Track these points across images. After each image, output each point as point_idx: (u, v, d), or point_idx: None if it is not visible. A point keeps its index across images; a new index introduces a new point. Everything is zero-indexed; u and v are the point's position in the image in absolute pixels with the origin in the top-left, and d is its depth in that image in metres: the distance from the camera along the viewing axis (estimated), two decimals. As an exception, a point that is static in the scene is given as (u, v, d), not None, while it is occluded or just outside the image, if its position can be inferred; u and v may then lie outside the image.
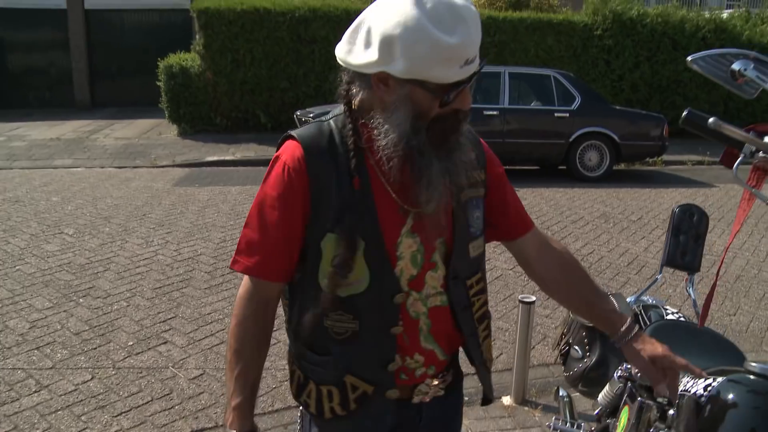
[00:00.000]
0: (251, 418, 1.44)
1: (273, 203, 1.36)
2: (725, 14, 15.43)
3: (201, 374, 3.79)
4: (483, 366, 1.61)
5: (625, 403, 2.32)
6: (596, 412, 2.55)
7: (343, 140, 1.36)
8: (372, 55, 1.24)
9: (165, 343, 4.18)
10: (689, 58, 1.39)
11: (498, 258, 5.94)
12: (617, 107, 11.44)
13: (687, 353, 2.20)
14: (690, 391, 1.61)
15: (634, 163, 11.47)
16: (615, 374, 2.41)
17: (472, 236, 1.48)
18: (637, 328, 1.55)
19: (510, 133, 9.93)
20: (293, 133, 1.40)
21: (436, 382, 1.51)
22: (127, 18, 17.92)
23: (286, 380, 3.68)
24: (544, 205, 8.32)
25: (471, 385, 3.79)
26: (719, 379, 1.53)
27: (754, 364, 1.50)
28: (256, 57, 12.97)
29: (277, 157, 1.40)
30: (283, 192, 1.36)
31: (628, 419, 2.26)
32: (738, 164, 1.41)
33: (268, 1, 13.04)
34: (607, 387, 2.45)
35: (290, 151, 1.38)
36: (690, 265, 2.66)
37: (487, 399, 1.69)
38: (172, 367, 3.87)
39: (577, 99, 10.12)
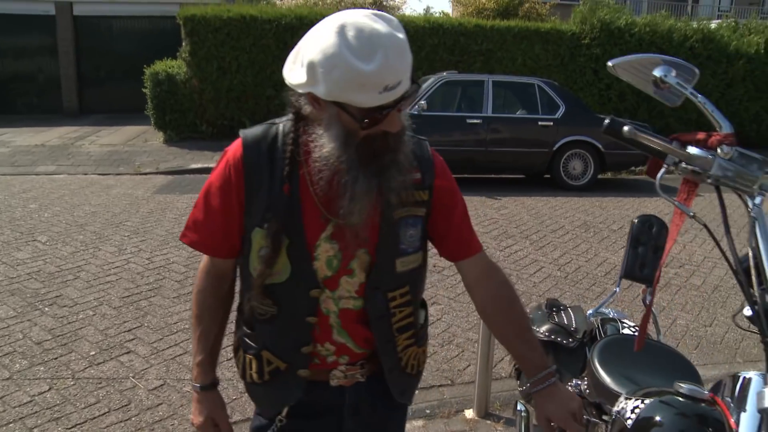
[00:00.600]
0: (213, 372, 1.69)
1: (215, 191, 1.52)
2: (713, 24, 15.45)
3: (161, 385, 3.73)
4: (398, 370, 1.65)
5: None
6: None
7: (283, 146, 1.48)
8: (302, 76, 1.33)
9: (128, 353, 4.11)
10: (610, 63, 1.34)
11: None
12: (602, 116, 11.41)
13: (636, 370, 2.15)
14: (621, 414, 1.56)
15: (620, 172, 11.45)
16: (564, 390, 2.36)
17: (401, 253, 1.55)
18: (553, 381, 1.58)
19: (494, 141, 9.90)
20: (242, 131, 1.54)
21: (350, 371, 1.61)
22: (116, 25, 17.88)
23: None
24: (525, 214, 8.28)
25: (434, 397, 3.76)
26: (647, 401, 1.48)
27: (683, 385, 1.45)
28: (242, 64, 12.94)
29: (225, 152, 1.53)
30: (223, 184, 1.50)
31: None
32: (661, 176, 1.35)
33: (255, 8, 13.04)
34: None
35: (234, 148, 1.52)
36: (648, 277, 2.62)
37: (398, 402, 1.72)
38: (133, 377, 3.80)
39: (561, 107, 10.10)
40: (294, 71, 1.37)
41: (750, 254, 1.29)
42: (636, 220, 2.61)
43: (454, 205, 1.61)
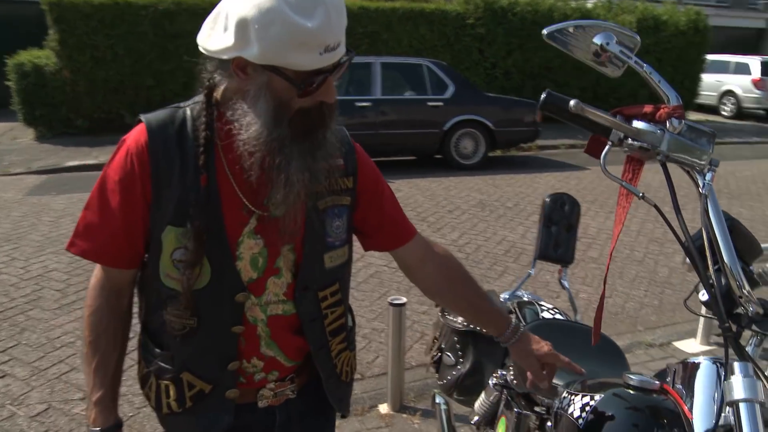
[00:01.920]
0: (116, 411, 1.42)
1: (114, 187, 1.30)
2: (590, 4, 16.02)
3: (46, 409, 3.37)
4: (335, 378, 1.55)
5: (502, 413, 2.16)
6: (473, 421, 2.37)
7: (195, 132, 1.30)
8: (228, 39, 1.18)
9: (3, 376, 3.70)
10: (545, 32, 1.20)
11: (372, 254, 5.75)
12: (490, 94, 11.56)
13: (566, 356, 2.06)
14: (567, 411, 1.43)
15: (509, 149, 11.64)
16: (490, 381, 2.24)
17: (328, 246, 1.43)
18: (522, 327, 1.59)
19: (384, 124, 9.80)
20: (143, 116, 1.34)
21: (280, 387, 1.47)
22: (-30, 12, 16.50)
23: (145, 406, 3.32)
24: (419, 195, 8.23)
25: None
26: (597, 397, 1.37)
27: (632, 377, 1.36)
28: (118, 53, 12.19)
29: (123, 141, 1.33)
30: (124, 177, 1.29)
31: (507, 430, 2.09)
32: (606, 154, 1.22)
33: (129, -7, 12.30)
34: (482, 395, 2.29)
35: (135, 135, 1.31)
36: (563, 257, 2.54)
37: (329, 413, 1.64)
38: (11, 404, 3.41)
39: (450, 87, 10.12)
40: (214, 36, 1.22)
41: (704, 235, 1.19)
42: (548, 199, 2.52)
43: (382, 191, 1.52)
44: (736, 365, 1.13)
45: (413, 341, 4.16)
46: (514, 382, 2.08)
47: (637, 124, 1.18)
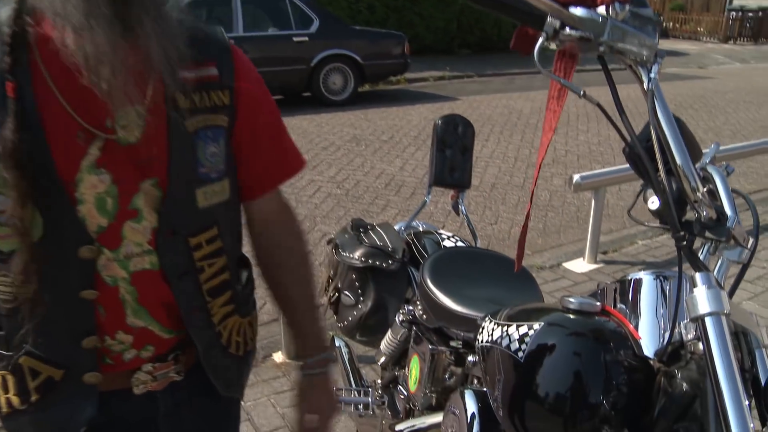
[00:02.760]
0: None
1: None
2: None
3: None
4: (219, 350, 1.19)
5: (413, 351, 1.98)
6: (380, 362, 2.19)
7: None
8: None
9: None
10: None
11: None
12: (357, 27, 11.25)
13: (477, 285, 1.90)
14: (500, 343, 1.26)
15: (378, 83, 11.44)
16: (396, 318, 2.06)
17: (201, 179, 1.08)
18: (328, 368, 1.30)
19: (248, 62, 9.29)
20: None
21: (160, 369, 1.14)
22: None
23: None
24: (292, 134, 7.84)
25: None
26: (536, 326, 1.20)
27: (571, 299, 1.20)
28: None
29: None
30: None
31: (420, 369, 1.92)
32: (539, 48, 1.00)
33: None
34: (389, 333, 2.10)
35: None
36: (460, 181, 2.37)
37: (228, 394, 1.26)
38: None
39: (315, 21, 9.72)
40: None
41: (653, 135, 1.03)
42: (439, 122, 2.33)
43: (261, 112, 1.17)
44: (698, 276, 0.99)
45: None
46: (424, 316, 1.91)
47: (576, 11, 0.98)
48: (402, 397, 2.04)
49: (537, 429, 1.17)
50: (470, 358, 1.64)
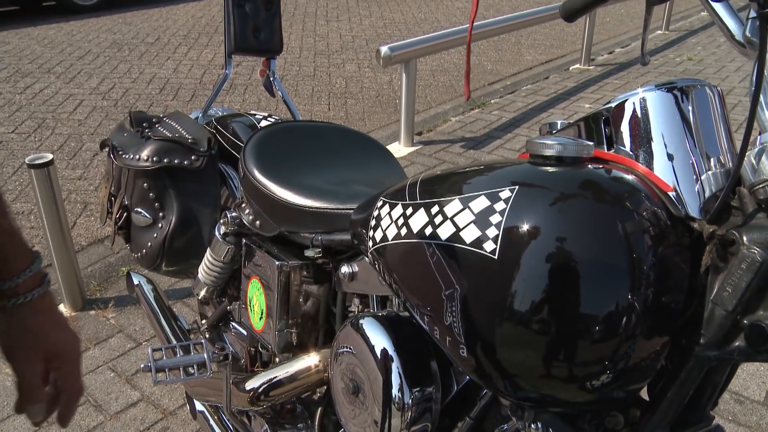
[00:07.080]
0: None
1: None
2: None
3: None
4: None
5: (249, 274, 1.42)
6: (200, 295, 1.62)
7: None
8: None
9: None
10: None
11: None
12: None
13: (323, 167, 1.39)
14: (432, 235, 0.75)
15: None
16: (216, 231, 1.49)
17: None
18: (47, 286, 0.78)
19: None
20: None
21: None
22: None
23: None
24: (36, 46, 6.61)
25: None
26: (502, 194, 0.71)
27: (549, 143, 0.72)
28: None
29: None
30: None
31: (266, 297, 1.37)
32: None
33: None
34: (208, 255, 1.53)
35: None
36: (268, 44, 1.82)
37: None
38: None
39: None
40: None
41: None
42: None
43: None
44: None
45: (75, 216, 3.16)
46: (257, 222, 1.35)
47: None
48: (243, 340, 1.51)
49: (528, 360, 0.71)
50: (344, 269, 1.13)
